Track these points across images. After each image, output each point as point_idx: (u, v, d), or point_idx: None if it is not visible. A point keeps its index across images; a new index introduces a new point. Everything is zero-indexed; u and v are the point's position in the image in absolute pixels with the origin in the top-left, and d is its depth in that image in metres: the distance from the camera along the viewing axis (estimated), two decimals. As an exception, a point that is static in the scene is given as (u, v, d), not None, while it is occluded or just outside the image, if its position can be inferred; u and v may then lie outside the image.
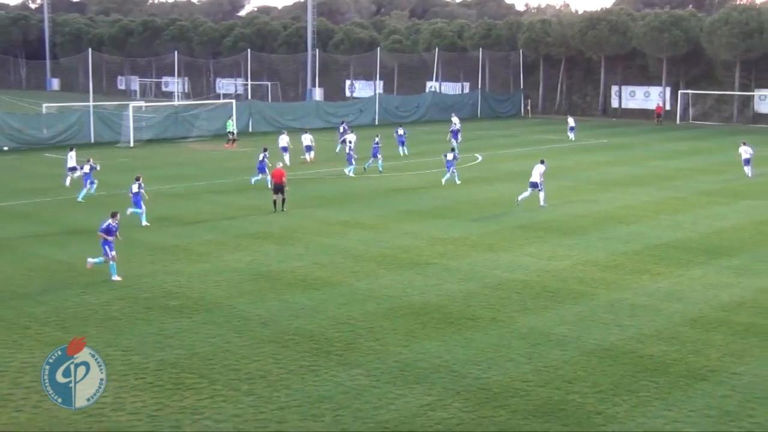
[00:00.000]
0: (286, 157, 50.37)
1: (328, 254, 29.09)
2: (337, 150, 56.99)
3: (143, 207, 33.99)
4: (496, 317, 22.38)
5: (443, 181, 43.79)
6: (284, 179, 36.88)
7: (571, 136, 68.50)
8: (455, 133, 62.90)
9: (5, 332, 20.76)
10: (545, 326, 21.60)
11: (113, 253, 25.64)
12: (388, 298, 23.97)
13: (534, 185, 37.91)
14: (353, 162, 48.43)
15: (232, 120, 66.16)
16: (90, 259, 26.28)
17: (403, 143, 58.19)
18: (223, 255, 28.88)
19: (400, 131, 58.93)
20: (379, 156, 49.16)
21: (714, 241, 31.62)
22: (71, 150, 45.63)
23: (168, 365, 18.71)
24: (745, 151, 47.10)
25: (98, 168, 41.74)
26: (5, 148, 58.82)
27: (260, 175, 43.14)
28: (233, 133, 63.85)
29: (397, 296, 24.20)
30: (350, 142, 50.35)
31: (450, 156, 44.82)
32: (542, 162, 38.99)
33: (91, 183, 40.28)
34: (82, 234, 31.96)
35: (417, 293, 24.52)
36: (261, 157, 43.47)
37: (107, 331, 20.94)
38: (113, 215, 26.33)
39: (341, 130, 60.10)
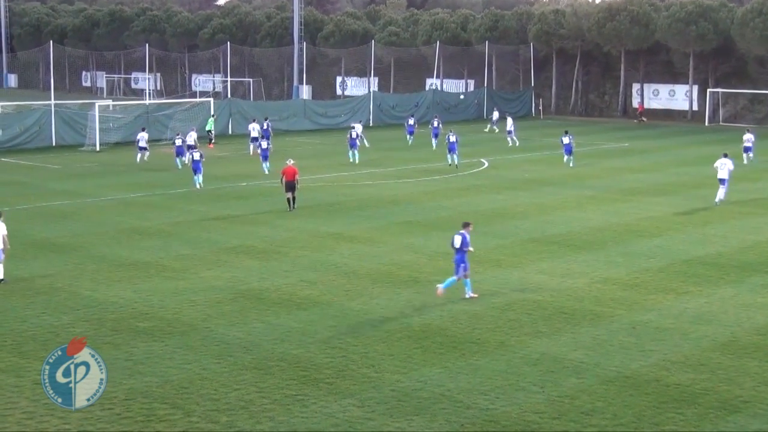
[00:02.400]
0: (251, 147, 55.32)
1: (317, 271, 29.10)
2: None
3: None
4: (505, 341, 22.38)
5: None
6: (296, 177, 39.24)
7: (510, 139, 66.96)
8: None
9: (-44, 357, 20.74)
10: (559, 351, 21.61)
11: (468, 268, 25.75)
12: (384, 320, 23.97)
13: (723, 181, 41.30)
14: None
15: (213, 119, 66.57)
16: (440, 286, 25.61)
17: (437, 136, 61.19)
18: (200, 271, 28.87)
19: (435, 123, 60.59)
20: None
21: (748, 256, 31.67)
22: (143, 130, 55.23)
23: (138, 394, 18.68)
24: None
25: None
26: (-44, 152, 58.86)
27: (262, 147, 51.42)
28: (211, 132, 64.19)
29: (395, 318, 24.20)
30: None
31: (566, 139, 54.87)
32: (725, 155, 41.22)
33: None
34: (41, 248, 31.96)
35: (416, 314, 24.52)
36: (265, 126, 52.80)
37: (70, 357, 20.89)
38: (466, 225, 26.36)
39: (411, 122, 67.56)
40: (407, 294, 26.45)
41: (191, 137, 54.81)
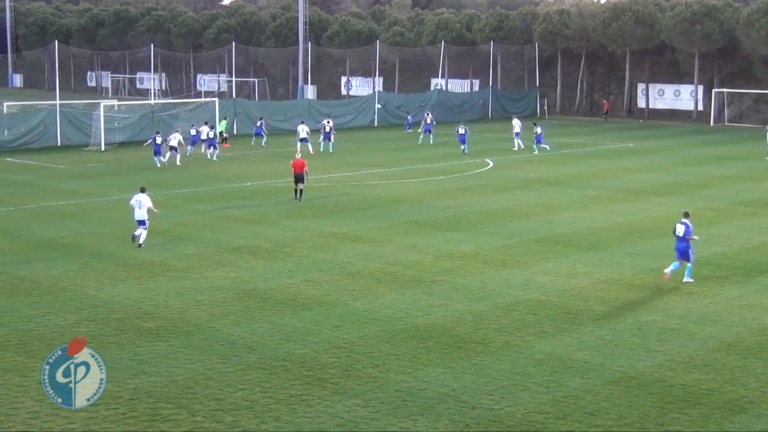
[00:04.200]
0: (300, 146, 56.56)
1: (322, 270, 29.11)
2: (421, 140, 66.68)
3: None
4: (510, 341, 22.38)
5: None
6: (305, 169, 41.03)
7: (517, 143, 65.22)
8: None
9: (-39, 357, 20.77)
10: (564, 352, 21.60)
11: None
12: (388, 320, 23.97)
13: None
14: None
15: (226, 120, 66.89)
16: (669, 271, 27.61)
17: (464, 142, 61.46)
18: (205, 271, 28.89)
19: (461, 130, 61.73)
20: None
21: (753, 257, 31.64)
22: (177, 131, 56.88)
23: (143, 394, 18.70)
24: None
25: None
26: (-39, 152, 58.94)
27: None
28: (224, 132, 64.38)
29: (399, 318, 24.20)
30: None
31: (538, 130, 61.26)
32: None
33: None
34: (47, 247, 31.99)
35: (421, 314, 24.53)
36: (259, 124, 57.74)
37: (75, 356, 20.91)
38: (687, 215, 27.89)
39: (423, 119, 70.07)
40: (412, 294, 26.45)
41: (175, 139, 54.88)
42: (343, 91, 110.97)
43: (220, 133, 63.98)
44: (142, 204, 31.73)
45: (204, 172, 51.74)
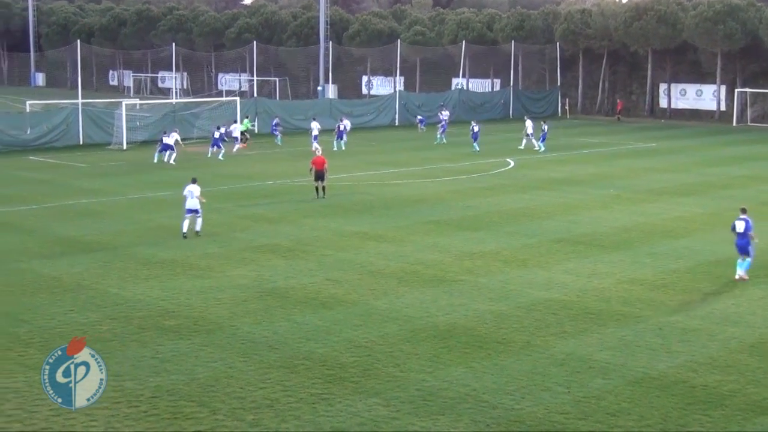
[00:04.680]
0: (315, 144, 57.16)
1: (343, 270, 29.13)
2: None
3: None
4: (531, 341, 22.34)
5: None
6: (325, 166, 41.43)
7: (537, 144, 64.48)
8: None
9: (-16, 354, 20.90)
10: (585, 352, 21.55)
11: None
12: (409, 319, 23.97)
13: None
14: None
15: (248, 120, 67.22)
16: (740, 270, 27.93)
17: (476, 139, 62.39)
18: (226, 270, 28.96)
19: (475, 128, 62.39)
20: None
21: (775, 257, 31.46)
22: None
23: (165, 392, 18.76)
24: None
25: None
26: (-16, 151, 59.27)
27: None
28: (246, 132, 64.53)
29: (420, 317, 24.20)
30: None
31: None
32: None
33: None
34: (69, 245, 32.13)
35: (442, 314, 24.51)
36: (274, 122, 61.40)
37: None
38: (744, 211, 28.38)
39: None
40: (433, 293, 26.44)
41: (172, 138, 55.23)
42: (364, 91, 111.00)
43: (243, 132, 64.18)
44: (193, 194, 33.29)
45: (225, 171, 51.86)
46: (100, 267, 29.09)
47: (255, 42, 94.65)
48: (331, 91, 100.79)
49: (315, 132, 60.86)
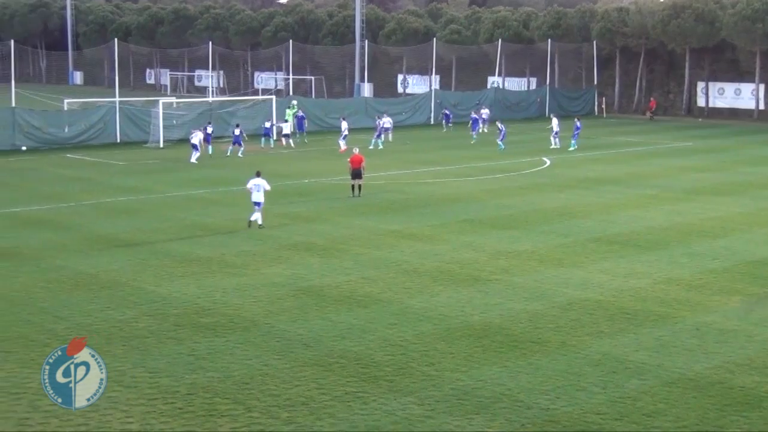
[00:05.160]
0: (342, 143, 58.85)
1: (378, 268, 29.15)
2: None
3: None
4: (566, 341, 22.26)
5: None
6: (362, 165, 41.55)
7: (552, 141, 64.60)
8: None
9: (23, 350, 21.08)
10: (621, 352, 21.44)
11: None
12: (444, 318, 23.95)
13: None
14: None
15: (291, 114, 67.34)
16: None
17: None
18: (262, 268, 29.06)
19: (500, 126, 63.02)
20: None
21: (815, 258, 31.16)
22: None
23: (200, 389, 18.86)
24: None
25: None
26: (23, 148, 59.77)
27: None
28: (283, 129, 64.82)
29: (455, 316, 24.17)
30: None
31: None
32: None
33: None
34: (106, 243, 32.37)
35: (477, 313, 24.48)
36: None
37: (134, 351, 21.17)
38: None
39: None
40: (468, 292, 26.40)
41: (196, 137, 55.36)
42: (400, 89, 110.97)
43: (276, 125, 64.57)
44: (260, 187, 34.71)
45: (261, 169, 51.87)
46: (136, 264, 29.28)
47: (291, 41, 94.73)
48: (367, 89, 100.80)
49: (345, 132, 60.72)
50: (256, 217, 34.82)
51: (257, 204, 34.80)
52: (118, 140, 64.32)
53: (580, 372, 20.09)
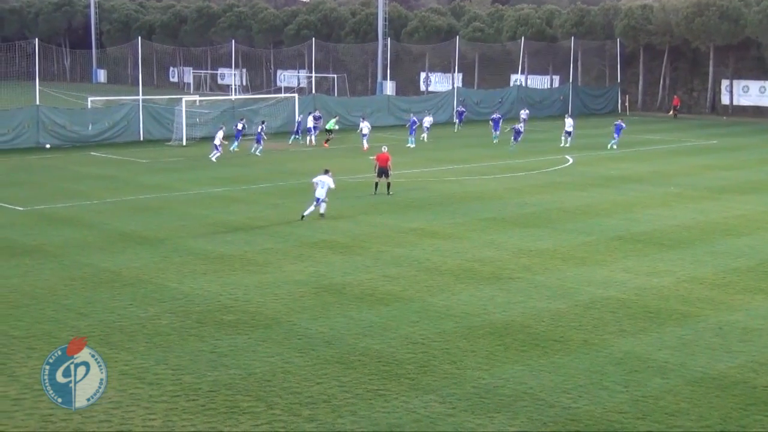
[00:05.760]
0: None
1: (400, 266, 29.15)
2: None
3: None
4: (588, 340, 22.20)
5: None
6: (389, 163, 41.76)
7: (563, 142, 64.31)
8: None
9: (46, 347, 21.16)
10: (644, 351, 21.37)
11: None
12: (466, 316, 23.93)
13: None
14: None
15: (335, 120, 66.18)
16: None
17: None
18: (284, 265, 29.11)
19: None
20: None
21: (840, 257, 30.96)
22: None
23: (222, 386, 18.92)
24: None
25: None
26: (47, 146, 60.07)
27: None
28: (331, 132, 64.22)
29: (477, 314, 24.15)
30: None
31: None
32: None
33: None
34: (129, 240, 32.50)
35: (499, 311, 24.45)
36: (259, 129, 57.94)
37: (156, 348, 21.25)
38: None
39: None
40: (490, 290, 26.37)
41: (218, 137, 54.82)
42: (422, 87, 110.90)
43: (328, 130, 63.86)
44: (325, 184, 36.05)
45: (282, 167, 52.15)
46: (159, 261, 29.40)
47: (314, 39, 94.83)
48: (389, 87, 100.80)
49: (365, 131, 60.24)
50: (310, 211, 35.95)
51: (317, 199, 36.00)
52: (141, 138, 64.59)
53: (602, 371, 20.03)
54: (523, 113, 74.01)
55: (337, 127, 65.78)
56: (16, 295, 25.54)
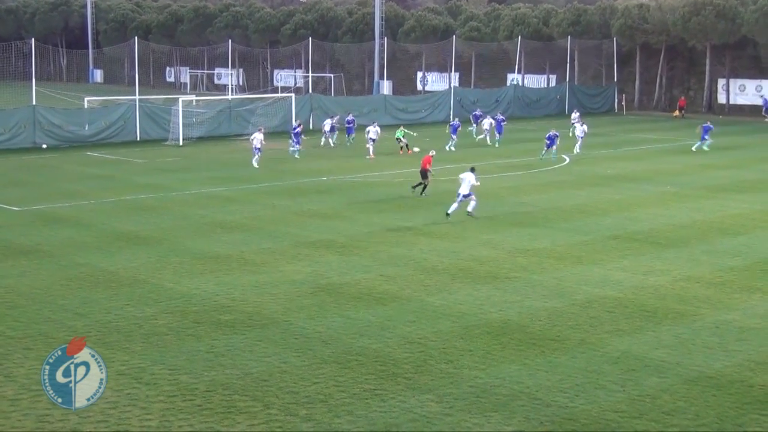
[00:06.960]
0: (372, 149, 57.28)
1: (397, 265, 29.16)
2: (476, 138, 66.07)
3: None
4: (585, 339, 22.22)
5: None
6: (427, 166, 41.90)
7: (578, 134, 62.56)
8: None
9: (43, 347, 21.16)
10: (641, 350, 21.39)
11: None
12: (462, 316, 23.95)
13: None
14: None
15: (403, 129, 63.25)
16: None
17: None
18: (281, 265, 29.11)
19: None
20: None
21: (836, 255, 31.00)
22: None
23: (219, 386, 18.92)
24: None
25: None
26: (44, 146, 60.06)
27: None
28: (400, 140, 61.54)
29: (473, 313, 24.16)
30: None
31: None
32: None
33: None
34: (126, 240, 32.49)
35: (496, 310, 24.46)
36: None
37: (153, 348, 21.25)
38: None
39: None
40: (486, 290, 26.39)
41: (258, 140, 52.83)
42: (419, 87, 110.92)
43: (398, 139, 60.96)
44: (468, 181, 36.38)
45: (281, 167, 52.13)
46: (156, 262, 29.39)
47: (310, 38, 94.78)
48: (386, 87, 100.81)
49: (372, 136, 57.54)
50: (453, 208, 36.32)
51: (459, 195, 36.37)
52: (138, 138, 64.54)
53: (599, 370, 20.05)
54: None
55: (406, 134, 60.90)
56: (13, 296, 25.53)
